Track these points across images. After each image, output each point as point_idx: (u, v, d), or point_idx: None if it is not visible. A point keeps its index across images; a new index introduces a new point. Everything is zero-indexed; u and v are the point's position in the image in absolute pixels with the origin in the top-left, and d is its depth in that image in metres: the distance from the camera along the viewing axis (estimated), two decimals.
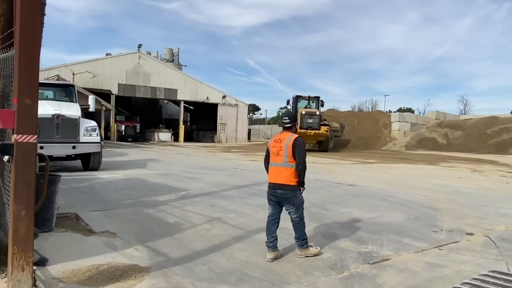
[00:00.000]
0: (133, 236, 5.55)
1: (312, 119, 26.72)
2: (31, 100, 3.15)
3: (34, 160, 3.18)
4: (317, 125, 26.98)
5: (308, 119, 26.51)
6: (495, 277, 3.93)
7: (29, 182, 3.17)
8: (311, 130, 26.60)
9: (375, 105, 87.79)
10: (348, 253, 4.90)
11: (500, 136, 29.61)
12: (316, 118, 27.15)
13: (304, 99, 29.03)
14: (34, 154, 3.18)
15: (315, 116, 27.22)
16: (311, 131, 26.55)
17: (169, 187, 9.78)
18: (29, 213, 3.18)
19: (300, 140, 4.77)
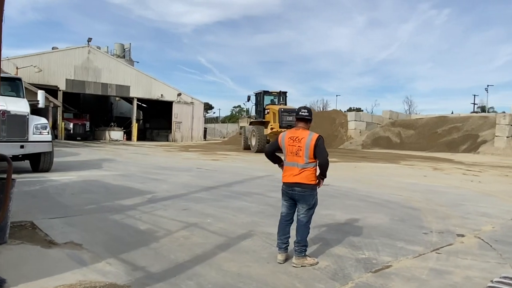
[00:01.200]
0: (102, 247, 4.88)
1: (291, 117, 23.31)
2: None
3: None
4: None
5: (288, 116, 23.66)
6: (509, 283, 3.70)
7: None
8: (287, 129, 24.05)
9: (326, 105, 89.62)
10: (346, 261, 4.53)
11: (450, 135, 30.82)
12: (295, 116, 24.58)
13: (271, 94, 27.10)
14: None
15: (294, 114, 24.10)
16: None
17: (132, 190, 9.04)
18: None
19: (322, 139, 4.46)
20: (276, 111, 24.32)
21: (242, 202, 7.86)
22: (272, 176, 12.02)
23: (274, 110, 24.79)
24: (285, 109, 24.54)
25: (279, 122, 23.84)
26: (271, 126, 24.10)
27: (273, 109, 24.94)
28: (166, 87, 46.79)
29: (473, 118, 33.15)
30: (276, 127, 23.72)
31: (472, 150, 27.30)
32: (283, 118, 23.84)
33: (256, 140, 24.70)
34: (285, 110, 24.42)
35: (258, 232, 5.68)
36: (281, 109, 24.35)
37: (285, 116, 23.91)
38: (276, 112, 24.23)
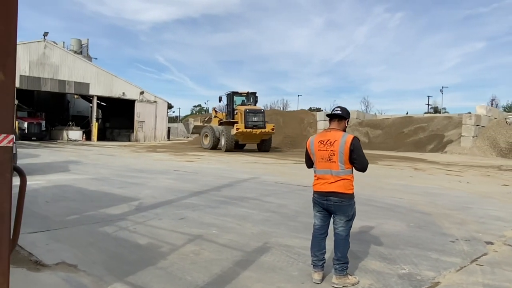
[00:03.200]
0: (102, 268, 4.14)
1: (257, 117, 24.82)
2: (4, 74, 1.77)
3: (9, 177, 1.80)
4: (262, 123, 25.05)
5: (253, 117, 24.57)
6: None
7: (1, 215, 1.79)
8: (256, 129, 24.65)
9: (286, 105, 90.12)
10: (387, 278, 4.02)
11: (417, 134, 31.44)
12: (261, 116, 25.34)
13: (240, 95, 27.27)
14: (9, 167, 1.80)
15: (260, 114, 25.36)
16: (256, 130, 24.63)
17: (114, 196, 8.19)
18: (1, 269, 1.81)
19: (358, 141, 3.84)
20: (242, 111, 24.77)
21: (240, 208, 7.22)
22: (258, 179, 11.47)
23: (241, 110, 25.25)
24: (251, 110, 25.06)
25: (245, 122, 24.22)
26: (237, 126, 24.47)
27: (240, 110, 25.38)
28: (128, 85, 45.06)
29: (437, 119, 34.01)
30: (241, 127, 24.17)
31: (439, 149, 27.91)
32: (248, 119, 24.32)
33: (224, 140, 25.07)
34: (251, 110, 24.93)
35: (275, 244, 5.09)
36: (246, 110, 24.81)
37: (250, 116, 24.46)
38: (242, 112, 24.66)
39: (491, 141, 26.40)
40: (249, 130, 24.27)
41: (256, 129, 24.55)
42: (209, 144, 27.33)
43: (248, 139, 25.42)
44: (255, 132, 24.58)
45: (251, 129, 24.40)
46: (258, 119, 24.90)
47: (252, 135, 24.77)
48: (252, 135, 24.74)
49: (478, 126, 27.72)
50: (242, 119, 24.60)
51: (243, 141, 25.82)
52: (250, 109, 25.27)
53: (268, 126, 25.44)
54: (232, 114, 26.38)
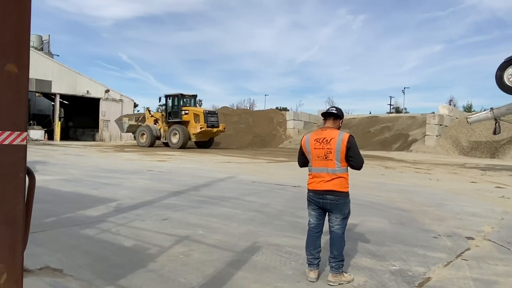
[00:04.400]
0: (89, 272, 3.98)
1: (213, 118, 28.71)
2: (18, 67, 1.65)
3: (23, 177, 1.68)
4: (217, 123, 28.85)
5: (211, 117, 28.34)
6: None
7: (13, 219, 1.67)
8: (213, 128, 28.09)
9: (252, 104, 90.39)
10: (380, 274, 4.07)
11: (383, 134, 32.24)
12: (216, 117, 29.30)
13: (185, 97, 29.96)
14: (23, 167, 1.68)
15: (215, 115, 29.41)
16: (213, 129, 28.07)
17: (90, 197, 7.92)
18: (14, 276, 1.69)
19: (353, 138, 3.85)
20: (201, 112, 28.33)
21: (223, 208, 7.15)
22: (234, 178, 11.41)
23: (197, 111, 28.62)
24: (209, 111, 29.51)
25: (206, 122, 27.71)
26: (200, 125, 27.53)
27: (197, 111, 28.72)
28: (92, 82, 43.79)
29: (402, 118, 35.00)
30: (204, 126, 27.48)
31: (405, 148, 28.74)
32: (208, 119, 27.97)
33: (179, 137, 27.86)
34: (209, 112, 29.29)
35: (264, 243, 5.05)
36: (205, 111, 28.65)
37: (209, 117, 28.27)
38: (201, 113, 28.21)
39: (453, 140, 27.43)
40: (209, 129, 27.75)
41: (213, 128, 28.20)
42: (146, 142, 29.80)
43: (202, 137, 28.56)
44: (212, 130, 28.18)
45: (210, 128, 27.93)
46: (214, 119, 28.79)
47: (210, 133, 28.35)
48: (210, 133, 28.33)
49: (441, 125, 28.73)
50: (200, 119, 27.85)
51: (198, 139, 28.71)
52: (208, 110, 29.44)
53: (221, 126, 29.26)
54: (180, 115, 28.92)
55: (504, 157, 23.59)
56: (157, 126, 29.99)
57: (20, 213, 1.77)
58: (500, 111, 15.00)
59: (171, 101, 29.58)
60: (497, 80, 13.78)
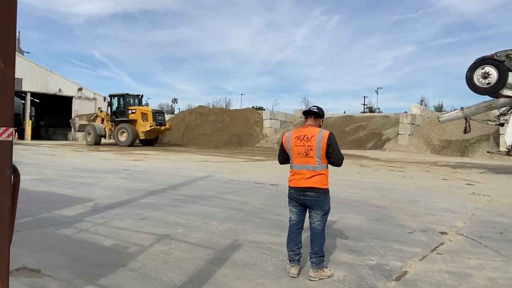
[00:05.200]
0: (68, 271, 3.93)
1: (161, 117, 30.83)
2: (4, 62, 1.63)
3: (9, 174, 1.66)
4: (164, 121, 31.10)
5: (159, 116, 30.44)
6: None
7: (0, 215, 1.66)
8: (161, 126, 29.90)
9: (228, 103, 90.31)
10: (359, 269, 4.17)
11: (357, 133, 32.74)
12: (163, 115, 31.89)
13: (130, 96, 31.42)
14: (9, 163, 1.66)
15: (162, 114, 31.96)
16: (161, 127, 29.91)
17: (65, 197, 7.78)
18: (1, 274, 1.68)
19: (333, 136, 3.92)
20: (149, 111, 29.96)
21: (203, 207, 7.14)
22: (213, 177, 11.40)
23: (145, 110, 30.19)
24: (157, 110, 31.65)
25: (154, 120, 29.29)
26: (149, 124, 29.15)
27: (145, 110, 30.29)
28: (65, 80, 42.78)
29: (376, 118, 35.62)
30: (153, 125, 29.04)
31: (379, 147, 29.28)
32: (156, 118, 29.69)
33: (128, 136, 29.17)
34: (157, 111, 31.36)
35: (245, 241, 5.09)
36: (154, 110, 30.52)
37: (157, 116, 30.10)
38: (149, 112, 29.84)
39: (425, 139, 28.13)
40: (157, 127, 29.41)
41: (161, 126, 29.91)
42: (92, 141, 31.22)
43: (150, 135, 30.15)
44: (160, 128, 29.87)
45: (159, 126, 29.64)
46: (162, 118, 30.79)
47: (158, 130, 29.99)
48: (158, 131, 29.98)
49: (413, 124, 29.41)
50: (148, 117, 29.44)
51: (146, 137, 30.16)
52: (156, 110, 31.51)
53: (168, 124, 31.37)
54: (127, 114, 30.23)
55: (474, 155, 24.36)
56: (102, 125, 31.60)
57: (6, 210, 1.76)
58: (470, 110, 15.48)
59: (116, 101, 31.15)
60: (467, 81, 14.22)
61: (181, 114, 44.77)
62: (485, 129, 25.37)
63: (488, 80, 13.66)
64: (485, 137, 25.42)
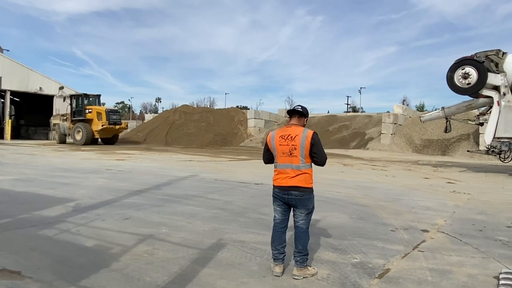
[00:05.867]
0: (49, 273, 3.88)
1: (116, 116, 31.17)
2: None
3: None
4: (119, 120, 31.35)
5: (113, 115, 30.79)
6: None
7: None
8: (115, 125, 30.40)
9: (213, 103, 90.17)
10: (342, 267, 4.21)
11: (341, 132, 33.00)
12: (119, 115, 32.12)
13: (89, 96, 32.26)
14: None
15: (117, 113, 32.15)
16: (115, 126, 30.43)
17: (46, 197, 7.65)
18: None
19: (317, 135, 3.94)
20: (103, 111, 30.32)
21: (187, 206, 7.11)
22: (197, 176, 11.36)
23: (100, 110, 30.50)
24: (111, 110, 31.84)
25: (108, 120, 29.79)
26: (101, 123, 29.77)
27: (99, 109, 30.59)
28: (45, 79, 42.03)
29: (359, 117, 35.98)
30: (106, 124, 29.65)
31: (362, 146, 29.55)
32: (110, 117, 30.13)
33: (83, 135, 29.82)
34: (111, 110, 31.63)
35: (229, 240, 5.09)
36: (107, 110, 30.88)
37: (111, 115, 30.45)
38: (103, 112, 30.23)
39: (407, 138, 28.51)
40: (111, 126, 29.91)
41: (115, 125, 30.41)
42: (58, 140, 32.53)
43: (106, 134, 30.75)
44: (114, 127, 30.40)
45: (112, 125, 30.12)
46: (116, 117, 31.09)
47: (112, 130, 30.48)
48: (112, 130, 30.45)
49: (395, 124, 29.77)
50: (104, 117, 29.82)
51: (102, 136, 30.91)
52: (110, 109, 31.77)
53: (124, 123, 31.96)
54: (84, 113, 30.83)
55: (454, 154, 24.78)
56: (66, 124, 32.25)
57: None
58: (450, 110, 15.74)
59: (75, 101, 31.90)
60: (448, 81, 14.46)
61: (165, 113, 44.45)
62: (465, 129, 25.86)
63: (468, 80, 13.91)
64: (465, 137, 25.91)
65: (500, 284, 3.70)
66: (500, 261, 4.46)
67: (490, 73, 13.71)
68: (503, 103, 13.57)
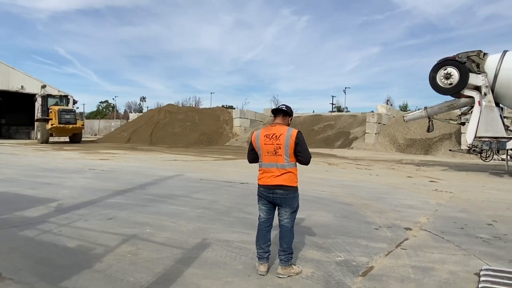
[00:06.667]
0: (30, 274, 3.82)
1: (69, 115, 31.62)
2: None
3: None
4: (74, 120, 31.73)
5: (66, 115, 31.31)
6: (499, 276, 3.84)
7: None
8: (68, 124, 31.10)
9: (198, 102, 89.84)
10: (327, 265, 4.24)
11: (326, 132, 33.19)
12: (73, 114, 32.25)
13: (54, 97, 33.76)
14: None
15: (71, 113, 32.38)
16: (69, 126, 31.10)
17: (27, 198, 7.52)
18: None
19: (301, 134, 3.95)
20: (56, 110, 31.05)
21: (171, 206, 7.07)
22: (182, 176, 11.30)
23: (55, 110, 31.33)
24: (64, 109, 32.13)
25: (58, 119, 30.63)
26: (51, 122, 30.82)
27: (54, 109, 31.44)
28: (27, 77, 41.34)
29: (343, 117, 36.23)
30: (55, 123, 30.57)
31: (346, 145, 29.78)
32: (61, 117, 30.82)
33: (40, 134, 31.42)
34: (64, 110, 31.99)
35: (214, 240, 5.08)
36: (60, 109, 31.49)
37: (63, 114, 31.10)
38: (56, 111, 30.85)
39: (391, 138, 28.81)
40: (62, 126, 30.60)
41: (68, 125, 31.05)
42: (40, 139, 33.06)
43: (62, 133, 31.73)
44: (67, 127, 31.10)
45: (64, 124, 30.77)
46: (70, 117, 31.63)
47: (65, 129, 31.18)
48: (65, 129, 31.16)
49: (379, 124, 30.08)
50: (56, 116, 30.52)
51: (58, 135, 31.85)
52: (63, 108, 32.18)
53: (79, 123, 32.38)
54: (47, 113, 31.84)
55: (437, 154, 25.14)
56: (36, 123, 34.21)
57: None
58: (433, 110, 15.97)
59: (41, 101, 33.38)
60: (430, 81, 14.67)
61: (150, 112, 44.13)
62: (448, 128, 26.25)
63: (450, 80, 14.14)
64: (448, 136, 26.31)
65: (481, 280, 3.76)
66: (481, 258, 4.54)
67: (472, 73, 13.95)
68: (484, 103, 13.82)
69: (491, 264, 4.32)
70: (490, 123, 13.78)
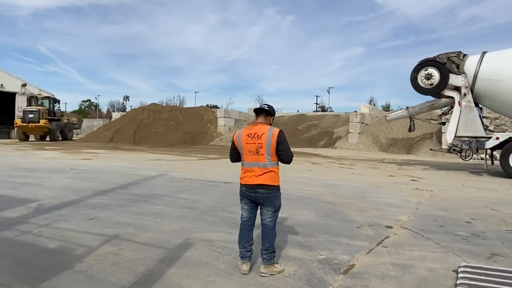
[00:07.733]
0: (9, 275, 3.77)
1: (32, 114, 32.96)
2: None
3: None
4: (37, 119, 32.92)
5: (29, 114, 32.97)
6: (477, 273, 3.92)
7: None
8: (32, 123, 32.70)
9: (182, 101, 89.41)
10: (309, 264, 4.28)
11: (310, 131, 33.37)
12: (36, 114, 33.24)
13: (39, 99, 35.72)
14: None
15: (35, 112, 33.38)
16: (32, 124, 32.69)
17: (6, 198, 7.39)
18: None
19: (283, 133, 3.97)
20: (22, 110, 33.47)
21: (154, 206, 7.02)
22: (165, 176, 11.23)
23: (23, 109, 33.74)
24: (27, 109, 33.89)
25: (22, 118, 32.86)
26: (16, 121, 33.73)
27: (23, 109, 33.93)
28: (7, 76, 40.55)
29: (327, 117, 36.49)
30: (19, 122, 33.17)
31: (330, 145, 30.00)
32: (26, 116, 32.92)
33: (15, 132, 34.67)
34: (27, 110, 33.78)
35: (196, 239, 5.07)
36: (24, 109, 33.71)
37: (27, 114, 33.10)
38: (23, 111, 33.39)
39: (373, 137, 29.14)
40: (25, 124, 32.69)
41: (32, 124, 32.65)
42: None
43: (32, 131, 33.82)
44: (31, 126, 32.74)
45: (27, 123, 32.68)
46: (33, 116, 32.99)
47: (30, 128, 33.10)
48: (30, 128, 33.08)
49: (362, 123, 30.38)
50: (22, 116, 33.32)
51: (29, 133, 33.95)
52: (26, 109, 34.08)
53: (42, 122, 33.28)
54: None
55: (418, 153, 25.52)
56: None
57: None
58: (414, 110, 16.22)
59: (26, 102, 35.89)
60: (412, 82, 14.89)
61: (133, 112, 43.64)
62: (429, 128, 26.66)
63: (431, 81, 14.38)
64: (429, 136, 26.72)
65: (459, 277, 3.84)
66: (459, 255, 4.63)
67: (452, 74, 14.21)
68: (464, 103, 14.09)
69: (469, 261, 4.42)
70: (470, 123, 14.05)
